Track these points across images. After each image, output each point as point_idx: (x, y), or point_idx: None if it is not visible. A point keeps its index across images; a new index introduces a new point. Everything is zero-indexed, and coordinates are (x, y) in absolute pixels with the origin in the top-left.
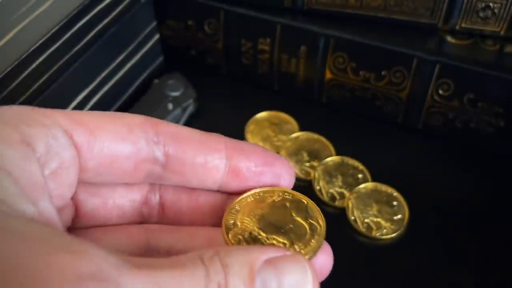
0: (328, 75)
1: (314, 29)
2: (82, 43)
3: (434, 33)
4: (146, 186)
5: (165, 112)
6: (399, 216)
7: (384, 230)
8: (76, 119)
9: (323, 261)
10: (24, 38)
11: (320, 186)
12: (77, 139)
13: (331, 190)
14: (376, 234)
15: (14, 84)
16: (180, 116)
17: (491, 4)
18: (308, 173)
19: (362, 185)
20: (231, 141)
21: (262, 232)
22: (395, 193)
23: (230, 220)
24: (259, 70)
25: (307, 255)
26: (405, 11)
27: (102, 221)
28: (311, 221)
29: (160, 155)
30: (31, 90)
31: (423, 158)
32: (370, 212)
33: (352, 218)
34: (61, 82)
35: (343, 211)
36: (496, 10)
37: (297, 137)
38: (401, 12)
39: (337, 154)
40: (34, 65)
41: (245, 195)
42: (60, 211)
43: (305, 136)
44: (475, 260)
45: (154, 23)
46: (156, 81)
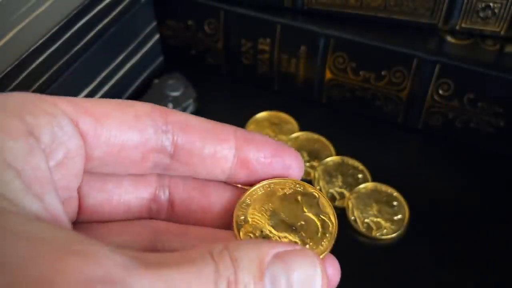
0: (328, 75)
1: (314, 29)
2: (82, 43)
3: (434, 33)
4: (155, 182)
5: None
6: (399, 216)
7: (384, 230)
8: (82, 107)
9: (331, 276)
10: (24, 38)
11: (320, 186)
12: (83, 127)
13: (331, 190)
14: (376, 234)
15: (14, 84)
16: None
17: (491, 4)
18: (308, 173)
19: (362, 185)
20: (240, 131)
21: (274, 230)
22: (395, 193)
23: (241, 216)
24: (259, 70)
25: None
26: (405, 11)
27: (107, 217)
28: (323, 217)
29: (169, 145)
30: (31, 90)
31: (423, 158)
32: (370, 212)
33: (352, 218)
34: (61, 82)
35: (343, 211)
36: (496, 10)
37: (297, 137)
38: (401, 12)
39: (337, 154)
40: (34, 65)
41: (256, 187)
42: (65, 203)
43: (305, 136)
44: (475, 260)
45: (154, 23)
46: (156, 81)
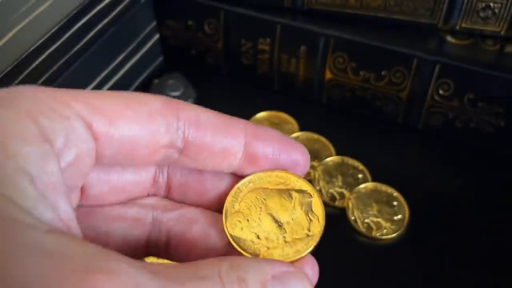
0: (328, 75)
1: (314, 29)
2: (82, 43)
3: (434, 33)
4: (155, 167)
5: None
6: (399, 216)
7: (384, 230)
8: (96, 107)
9: (310, 276)
10: (24, 38)
11: (320, 186)
12: (96, 129)
13: (331, 190)
14: (376, 234)
15: (14, 84)
16: None
17: (491, 4)
18: (308, 173)
19: (362, 185)
20: (251, 126)
21: (260, 223)
22: (395, 193)
23: (232, 203)
24: (259, 70)
25: (294, 257)
26: (405, 11)
27: (107, 201)
28: (312, 218)
29: (179, 142)
30: None
31: (423, 158)
32: (370, 212)
33: (352, 218)
34: (61, 82)
35: (343, 211)
36: (496, 10)
37: (297, 137)
38: (401, 12)
39: (337, 154)
40: (34, 65)
41: (252, 176)
42: (69, 196)
43: (305, 136)
44: (475, 260)
45: (154, 23)
46: (156, 81)
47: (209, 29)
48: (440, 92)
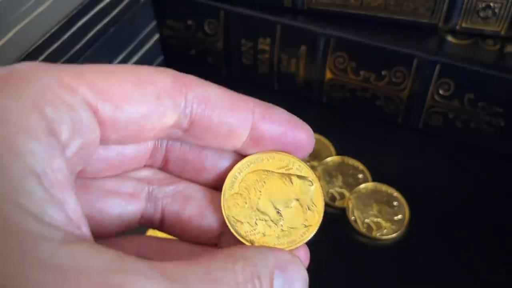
0: (328, 75)
1: (314, 29)
2: (82, 43)
3: (435, 33)
4: (154, 141)
5: None
6: (400, 217)
7: (385, 230)
8: (102, 91)
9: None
10: (24, 38)
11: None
12: (102, 114)
13: (331, 190)
14: (377, 235)
15: None
16: None
17: (492, 4)
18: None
19: (362, 185)
20: (259, 107)
21: (259, 207)
22: (396, 193)
23: (233, 183)
24: (259, 70)
25: (288, 247)
26: (406, 11)
27: (104, 174)
28: (311, 208)
29: (185, 122)
30: None
31: (424, 158)
32: (371, 212)
33: (352, 218)
34: None
35: (343, 211)
36: (497, 10)
37: None
38: (402, 12)
39: (337, 154)
40: None
41: (254, 156)
42: None
43: None
44: (476, 260)
45: (154, 23)
46: None
47: (209, 29)
48: (440, 92)
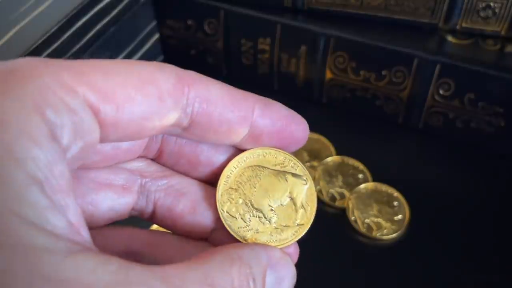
0: (328, 75)
1: (314, 29)
2: (82, 43)
3: (435, 33)
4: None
5: None
6: (400, 217)
7: (385, 231)
8: (104, 92)
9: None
10: (24, 37)
11: (320, 186)
12: (103, 116)
13: (331, 190)
14: (377, 235)
15: None
16: None
17: (492, 4)
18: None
19: (363, 185)
20: (259, 104)
21: (253, 203)
22: (396, 193)
23: (228, 178)
24: (259, 70)
25: (279, 245)
26: (406, 11)
27: (95, 167)
28: (303, 207)
29: (186, 121)
30: None
31: (424, 158)
32: (371, 212)
33: (353, 219)
34: None
35: (343, 212)
36: (497, 10)
37: None
38: (402, 12)
39: (337, 154)
40: None
41: (249, 153)
42: None
43: None
44: (476, 260)
45: (154, 23)
46: None
47: (209, 29)
48: (441, 92)
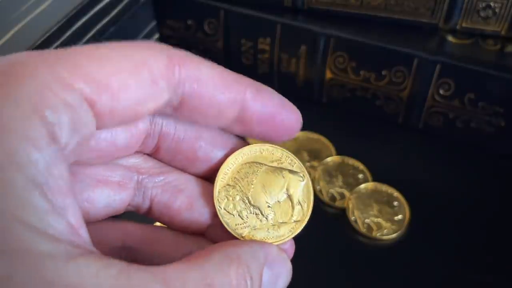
0: (328, 75)
1: (314, 29)
2: (82, 43)
3: (435, 33)
4: (145, 131)
5: None
6: (400, 217)
7: (385, 231)
8: (99, 82)
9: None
10: (24, 37)
11: (320, 186)
12: (99, 107)
13: (331, 190)
14: (377, 235)
15: None
16: None
17: (492, 4)
18: (308, 173)
19: (363, 185)
20: (250, 88)
21: (250, 200)
22: (396, 193)
23: (226, 175)
24: (259, 70)
25: (275, 242)
26: (406, 11)
27: (91, 163)
28: (300, 203)
29: (176, 102)
30: None
31: (424, 158)
32: (371, 213)
33: (353, 219)
34: None
35: (343, 212)
36: (497, 10)
37: (297, 137)
38: (402, 12)
39: (337, 154)
40: None
41: (246, 149)
42: None
43: (305, 136)
44: (476, 260)
45: (154, 23)
46: None
47: (209, 29)
48: (441, 92)
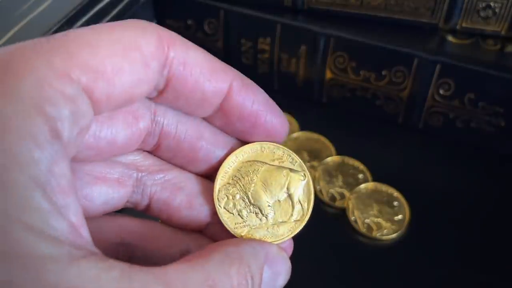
0: (328, 75)
1: (314, 29)
2: None
3: (435, 33)
4: (146, 130)
5: None
6: (400, 217)
7: (385, 231)
8: (95, 69)
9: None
10: (24, 37)
11: (320, 186)
12: (97, 95)
13: (331, 190)
14: (377, 235)
15: None
16: None
17: (492, 4)
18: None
19: (363, 185)
20: (237, 81)
21: (251, 199)
22: (396, 193)
23: (226, 174)
24: (259, 70)
25: (277, 241)
26: (406, 11)
27: (90, 160)
28: (300, 203)
29: (162, 85)
30: None
31: (424, 158)
32: (371, 213)
33: (353, 219)
34: None
35: (343, 212)
36: (497, 10)
37: (297, 137)
38: (402, 12)
39: (337, 154)
40: None
41: (247, 148)
42: None
43: (305, 136)
44: (476, 260)
45: (154, 23)
46: None
47: (209, 29)
48: (441, 92)
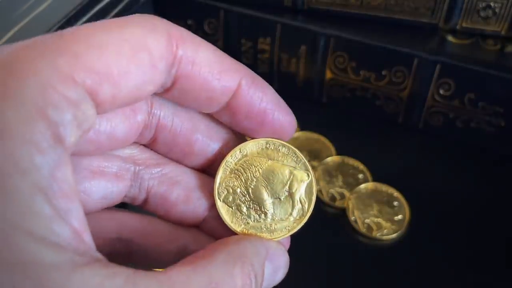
0: (329, 75)
1: (314, 29)
2: None
3: (435, 33)
4: (143, 123)
5: None
6: (400, 217)
7: (385, 231)
8: (100, 72)
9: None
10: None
11: (320, 186)
12: (101, 97)
13: (331, 190)
14: (377, 235)
15: None
16: None
17: (492, 4)
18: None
19: (363, 185)
20: (246, 79)
21: (251, 195)
22: (396, 193)
23: (227, 168)
24: (259, 70)
25: (276, 238)
26: (406, 11)
27: (91, 150)
28: (301, 202)
29: (169, 83)
30: None
31: (424, 158)
32: (371, 213)
33: (353, 219)
34: None
35: (343, 212)
36: (497, 10)
37: (297, 137)
38: (402, 12)
39: (337, 154)
40: None
41: (250, 143)
42: None
43: (305, 136)
44: (476, 261)
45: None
46: None
47: (209, 29)
48: (441, 92)
